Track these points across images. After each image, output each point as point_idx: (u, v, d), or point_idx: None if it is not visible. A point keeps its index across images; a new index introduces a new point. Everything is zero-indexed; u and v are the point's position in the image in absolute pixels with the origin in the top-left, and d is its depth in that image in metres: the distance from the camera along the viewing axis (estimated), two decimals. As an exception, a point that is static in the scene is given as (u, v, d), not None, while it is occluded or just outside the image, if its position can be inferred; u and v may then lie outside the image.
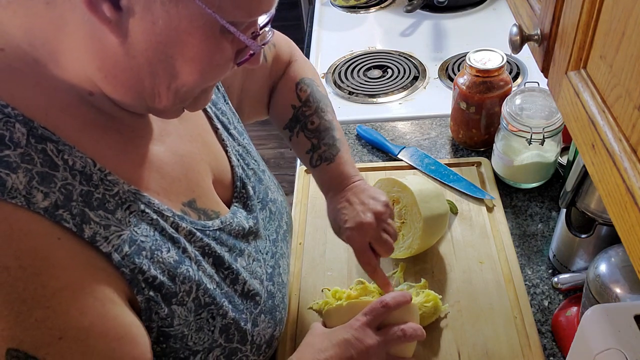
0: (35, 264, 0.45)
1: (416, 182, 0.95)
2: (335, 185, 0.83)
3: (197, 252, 0.59)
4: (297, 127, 0.86)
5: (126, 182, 0.54)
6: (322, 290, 0.95)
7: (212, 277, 0.60)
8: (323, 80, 1.47)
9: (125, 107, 0.55)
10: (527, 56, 1.41)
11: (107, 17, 0.45)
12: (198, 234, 0.60)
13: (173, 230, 0.57)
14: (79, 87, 0.51)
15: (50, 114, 0.50)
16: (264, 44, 0.55)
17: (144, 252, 0.53)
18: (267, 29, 0.56)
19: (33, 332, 0.44)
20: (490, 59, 1.09)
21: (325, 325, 0.75)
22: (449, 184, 1.11)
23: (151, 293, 0.53)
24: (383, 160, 1.21)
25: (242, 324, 0.63)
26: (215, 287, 0.60)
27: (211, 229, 0.62)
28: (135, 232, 0.53)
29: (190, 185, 0.63)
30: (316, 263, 1.00)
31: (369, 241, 0.78)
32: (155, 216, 0.55)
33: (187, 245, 0.58)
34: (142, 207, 0.54)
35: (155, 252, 0.54)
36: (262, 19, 0.54)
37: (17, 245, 0.44)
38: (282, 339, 0.88)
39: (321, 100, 0.87)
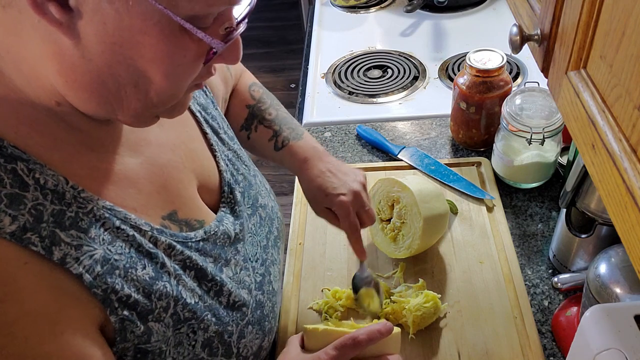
0: (0, 290, 0.44)
1: (416, 182, 0.95)
2: (310, 158, 0.84)
3: (177, 266, 0.58)
4: (255, 121, 0.87)
5: (100, 198, 0.53)
6: (322, 290, 0.95)
7: (194, 290, 0.59)
8: (323, 80, 1.47)
9: (93, 115, 0.53)
10: (527, 56, 1.41)
11: (57, 18, 0.43)
12: (178, 247, 0.58)
13: (151, 245, 0.56)
14: (44, 98, 0.50)
15: (20, 132, 0.49)
16: (228, 41, 0.50)
17: (117, 271, 0.51)
18: (243, 23, 0.51)
19: None
20: (490, 59, 1.09)
21: (302, 343, 0.70)
22: (449, 184, 1.12)
23: (125, 312, 0.52)
24: (383, 160, 1.21)
25: (227, 336, 0.62)
26: (197, 300, 0.59)
27: (194, 240, 0.61)
28: (109, 250, 0.52)
29: (170, 197, 0.61)
30: (316, 263, 1.00)
31: (356, 209, 0.81)
32: (132, 232, 0.54)
33: (166, 259, 0.57)
34: (118, 223, 0.53)
35: (130, 270, 0.53)
36: (239, 12, 0.50)
37: None
38: (282, 340, 0.88)
39: (274, 99, 0.91)
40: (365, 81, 1.45)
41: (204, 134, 0.71)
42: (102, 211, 0.52)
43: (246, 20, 0.51)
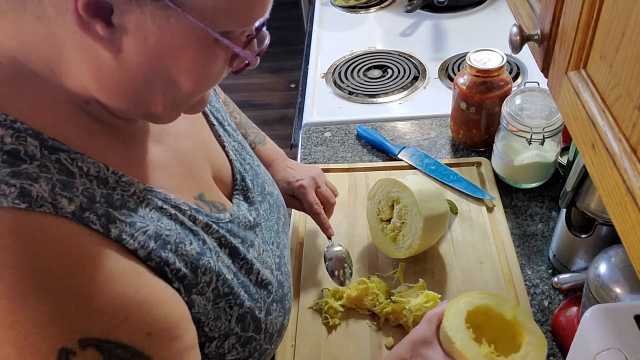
0: (78, 260, 0.46)
1: (416, 182, 0.95)
2: (274, 160, 0.99)
3: (214, 244, 0.61)
4: None
5: (140, 181, 0.55)
6: (322, 290, 0.95)
7: (230, 267, 0.62)
8: (323, 80, 1.47)
9: (120, 114, 0.55)
10: (527, 56, 1.41)
11: (100, 35, 0.45)
12: (214, 226, 0.62)
13: (191, 223, 0.59)
14: (75, 97, 0.52)
15: (57, 126, 0.51)
16: (259, 53, 0.55)
17: (168, 246, 0.54)
18: (263, 30, 0.56)
19: (98, 319, 0.46)
20: (490, 59, 1.09)
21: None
22: (449, 184, 1.12)
23: (176, 284, 0.55)
24: (383, 160, 1.21)
25: (257, 312, 0.65)
26: (232, 277, 0.62)
27: (224, 221, 0.64)
28: (160, 226, 0.54)
29: (196, 180, 0.64)
30: (316, 263, 1.00)
31: (316, 192, 0.95)
32: (173, 211, 0.57)
33: (206, 237, 0.60)
34: (160, 203, 0.56)
35: (179, 245, 0.55)
36: (257, 22, 0.54)
37: (55, 247, 0.45)
38: (283, 340, 0.88)
39: (233, 103, 0.98)
40: (365, 81, 1.45)
41: (211, 125, 0.74)
42: (144, 192, 0.55)
43: (264, 28, 0.56)
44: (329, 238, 0.96)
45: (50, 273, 0.45)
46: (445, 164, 1.16)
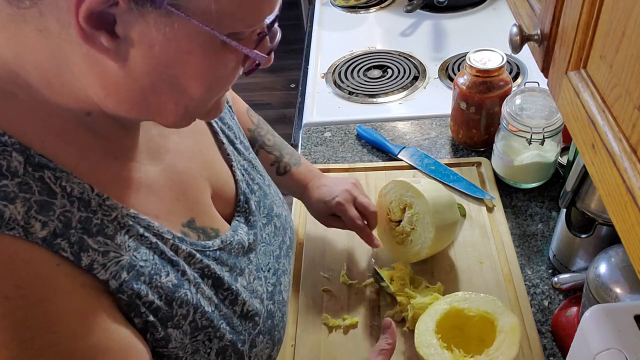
0: (38, 292, 0.45)
1: (431, 189, 0.93)
2: (309, 180, 0.98)
3: (196, 274, 0.59)
4: (256, 145, 0.94)
5: (125, 206, 0.53)
6: (322, 290, 0.95)
7: (211, 299, 0.60)
8: (323, 80, 1.47)
9: (130, 120, 0.54)
10: (527, 56, 1.41)
11: (105, 46, 0.44)
12: (198, 255, 0.59)
13: (172, 253, 0.57)
14: (76, 109, 0.51)
15: (47, 141, 0.49)
16: (270, 51, 0.53)
17: (142, 277, 0.52)
18: (275, 26, 0.53)
19: (45, 354, 0.45)
20: (490, 59, 1.09)
21: None
22: (449, 184, 1.11)
23: (150, 317, 0.53)
24: (383, 160, 1.21)
25: (239, 345, 0.62)
26: (213, 309, 0.60)
27: (211, 249, 0.62)
28: (135, 257, 0.52)
29: (188, 204, 0.62)
30: (316, 263, 1.00)
31: (354, 205, 0.93)
32: (154, 239, 0.55)
33: (186, 267, 0.58)
34: (142, 230, 0.54)
35: (154, 277, 0.53)
36: (268, 19, 0.52)
37: (18, 274, 0.44)
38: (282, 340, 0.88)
39: (267, 124, 0.98)
40: (365, 81, 1.45)
41: (221, 143, 0.72)
42: (126, 219, 0.53)
43: (276, 24, 0.53)
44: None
45: (6, 301, 0.43)
46: (445, 164, 1.16)
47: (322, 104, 1.40)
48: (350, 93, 1.41)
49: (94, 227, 0.50)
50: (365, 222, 0.94)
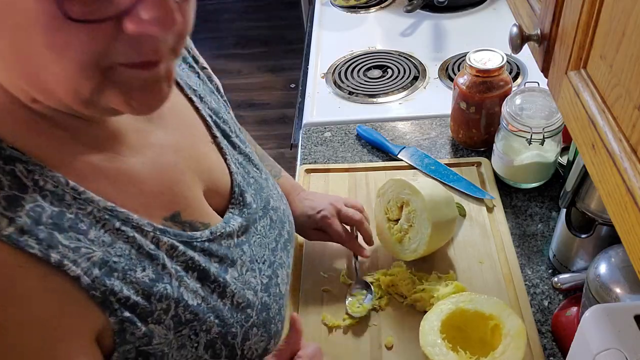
0: None
1: (427, 187, 0.93)
2: (290, 193, 0.96)
3: (178, 268, 0.58)
4: None
5: (102, 199, 0.52)
6: (322, 290, 0.95)
7: (197, 292, 0.59)
8: (323, 80, 1.47)
9: (64, 109, 0.50)
10: (527, 56, 1.40)
11: None
12: (181, 247, 0.58)
13: (152, 247, 0.55)
14: (22, 97, 0.48)
15: (18, 133, 0.48)
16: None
17: (115, 273, 0.51)
18: None
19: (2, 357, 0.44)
20: (490, 59, 1.09)
21: None
22: (449, 184, 1.11)
23: (126, 314, 0.51)
24: (383, 160, 1.21)
25: (230, 338, 0.61)
26: (200, 302, 0.59)
27: (199, 239, 0.61)
28: (109, 252, 0.51)
29: (173, 197, 0.61)
30: (316, 263, 1.00)
31: (339, 217, 0.95)
32: (132, 233, 0.54)
33: (167, 260, 0.56)
34: (118, 224, 0.53)
35: (128, 273, 0.52)
36: None
37: None
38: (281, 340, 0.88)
39: (247, 134, 0.95)
40: (365, 81, 1.45)
41: (214, 137, 0.71)
42: (103, 212, 0.52)
43: None
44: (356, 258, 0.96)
45: None
46: (445, 164, 1.16)
47: (322, 104, 1.40)
48: (350, 93, 1.41)
49: (67, 222, 0.49)
50: (357, 234, 0.96)
